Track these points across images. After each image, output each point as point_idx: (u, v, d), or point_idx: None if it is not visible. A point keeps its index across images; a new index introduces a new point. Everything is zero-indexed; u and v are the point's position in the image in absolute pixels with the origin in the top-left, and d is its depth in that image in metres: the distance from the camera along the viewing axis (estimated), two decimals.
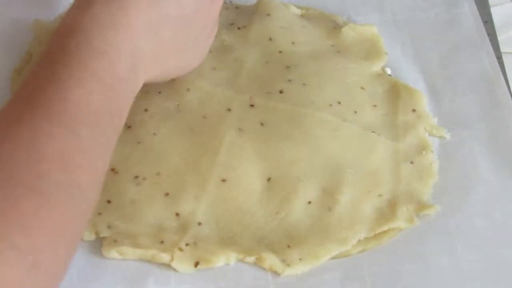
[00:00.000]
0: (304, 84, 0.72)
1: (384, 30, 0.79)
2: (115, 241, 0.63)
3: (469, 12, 0.80)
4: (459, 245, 0.64)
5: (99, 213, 0.64)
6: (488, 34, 0.78)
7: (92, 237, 0.64)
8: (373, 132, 0.70)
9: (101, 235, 0.63)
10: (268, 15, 0.78)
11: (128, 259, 0.63)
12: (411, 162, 0.69)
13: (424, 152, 0.70)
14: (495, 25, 0.81)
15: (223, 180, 0.66)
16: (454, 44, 0.78)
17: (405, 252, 0.64)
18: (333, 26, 0.79)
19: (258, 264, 0.63)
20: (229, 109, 0.70)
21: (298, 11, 0.81)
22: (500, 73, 0.75)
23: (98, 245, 0.63)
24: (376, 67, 0.76)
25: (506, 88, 0.74)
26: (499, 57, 0.77)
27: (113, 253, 0.62)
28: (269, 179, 0.66)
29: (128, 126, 0.68)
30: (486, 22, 0.80)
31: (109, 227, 0.64)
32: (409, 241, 0.64)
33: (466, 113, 0.72)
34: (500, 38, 0.80)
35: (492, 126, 0.71)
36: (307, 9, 0.81)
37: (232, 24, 0.77)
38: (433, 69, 0.76)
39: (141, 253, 0.62)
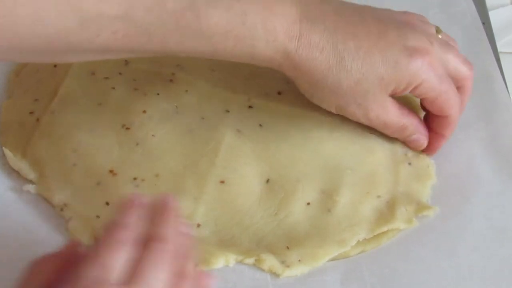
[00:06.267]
0: None
1: None
2: None
3: (467, 12, 0.80)
4: (458, 245, 0.64)
5: (97, 216, 0.64)
6: (486, 35, 0.78)
7: (92, 241, 0.63)
8: (372, 133, 0.70)
9: None
10: None
11: None
12: (409, 164, 0.69)
13: (422, 153, 0.69)
14: (494, 27, 0.81)
15: (222, 182, 0.66)
16: None
17: (404, 253, 0.64)
18: None
19: (257, 265, 0.63)
20: (227, 110, 0.70)
21: None
22: (499, 73, 0.75)
23: None
24: None
25: (504, 88, 0.74)
26: (497, 59, 0.77)
27: None
28: (268, 181, 0.66)
29: (126, 128, 0.68)
30: (484, 23, 0.80)
31: None
32: (408, 242, 0.64)
33: (464, 113, 0.72)
34: (498, 39, 0.80)
35: (491, 126, 0.71)
36: None
37: None
38: None
39: None
